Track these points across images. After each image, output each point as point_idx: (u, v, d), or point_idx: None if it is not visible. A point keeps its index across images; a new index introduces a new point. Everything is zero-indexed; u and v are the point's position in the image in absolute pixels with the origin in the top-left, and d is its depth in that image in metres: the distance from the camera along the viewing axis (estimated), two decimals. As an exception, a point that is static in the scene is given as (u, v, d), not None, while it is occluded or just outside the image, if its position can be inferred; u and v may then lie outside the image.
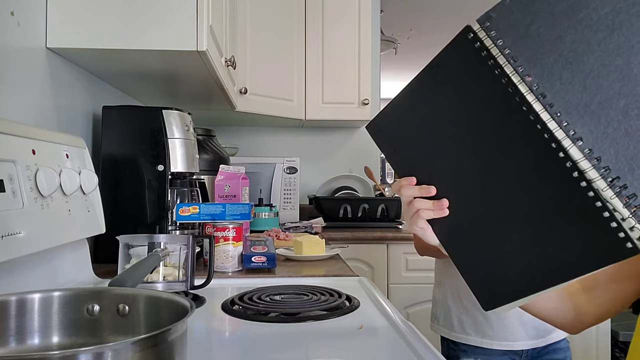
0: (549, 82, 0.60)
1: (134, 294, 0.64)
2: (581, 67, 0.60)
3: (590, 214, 0.57)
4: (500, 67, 0.62)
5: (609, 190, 0.57)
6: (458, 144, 0.69)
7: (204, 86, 1.65)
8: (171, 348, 0.50)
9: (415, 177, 0.74)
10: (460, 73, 0.67)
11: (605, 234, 0.56)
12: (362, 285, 1.18)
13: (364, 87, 2.54)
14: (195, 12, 1.20)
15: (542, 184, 0.62)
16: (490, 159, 0.67)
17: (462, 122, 0.68)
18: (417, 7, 4.03)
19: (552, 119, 0.59)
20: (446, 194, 0.72)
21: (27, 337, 0.60)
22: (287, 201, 2.52)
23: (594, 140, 0.58)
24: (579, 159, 0.58)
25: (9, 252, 0.80)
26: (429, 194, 0.72)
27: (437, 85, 0.70)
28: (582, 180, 0.57)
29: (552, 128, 0.59)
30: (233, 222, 1.34)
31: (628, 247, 0.55)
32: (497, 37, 0.62)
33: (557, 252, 0.61)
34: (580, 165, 0.58)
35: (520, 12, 0.63)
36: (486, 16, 0.63)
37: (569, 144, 0.58)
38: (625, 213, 0.56)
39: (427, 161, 0.74)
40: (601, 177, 0.57)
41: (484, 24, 0.63)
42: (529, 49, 0.61)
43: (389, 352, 0.79)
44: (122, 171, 1.40)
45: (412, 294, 2.23)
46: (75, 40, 1.19)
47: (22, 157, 0.88)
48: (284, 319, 0.90)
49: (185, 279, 1.00)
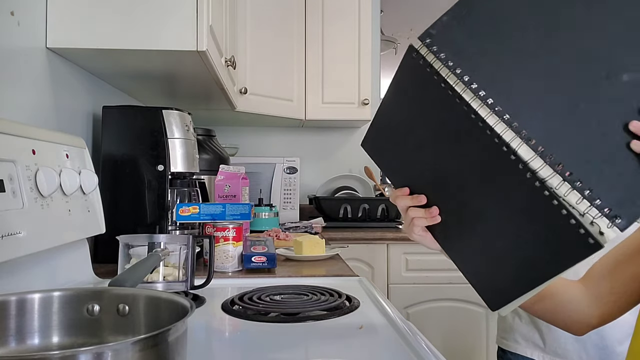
0: (493, 87, 0.61)
1: (134, 294, 0.64)
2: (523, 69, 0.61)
3: (550, 214, 0.57)
4: (444, 80, 0.63)
5: (563, 186, 0.56)
6: (430, 155, 0.71)
7: (204, 86, 1.65)
8: (171, 348, 0.50)
9: (408, 186, 0.77)
10: (415, 90, 0.69)
11: (567, 232, 0.56)
12: (362, 285, 1.18)
13: (364, 87, 2.54)
14: (195, 12, 1.20)
15: (503, 189, 0.62)
16: (454, 169, 0.68)
17: (428, 134, 0.70)
18: (417, 7, 4.03)
19: (500, 121, 0.60)
20: (435, 201, 0.74)
21: (27, 337, 0.60)
22: (287, 201, 2.52)
23: (545, 137, 0.58)
24: (530, 158, 0.58)
25: (9, 252, 0.80)
26: (420, 203, 0.75)
27: (401, 102, 0.73)
28: (536, 180, 0.58)
29: (500, 131, 0.60)
30: (233, 222, 1.34)
31: (590, 242, 0.55)
32: (438, 52, 0.64)
33: (535, 252, 0.61)
34: (531, 166, 0.58)
35: (458, 25, 0.64)
36: (426, 33, 0.65)
37: (517, 144, 0.59)
38: (581, 208, 0.55)
39: (413, 171, 0.76)
40: (554, 174, 0.57)
41: (424, 40, 0.65)
42: (470, 58, 0.63)
43: (389, 352, 0.79)
44: (122, 171, 1.40)
45: (412, 294, 2.23)
46: (75, 40, 1.19)
47: (22, 157, 0.88)
48: (284, 319, 0.90)
49: (185, 279, 1.00)
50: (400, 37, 4.50)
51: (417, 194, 0.75)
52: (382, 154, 0.81)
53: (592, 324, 0.83)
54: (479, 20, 0.64)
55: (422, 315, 2.22)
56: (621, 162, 0.56)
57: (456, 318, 2.23)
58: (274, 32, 2.37)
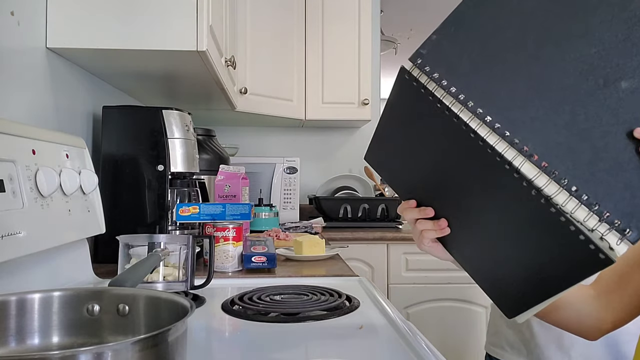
0: (490, 104, 0.59)
1: (134, 294, 0.64)
2: (518, 83, 0.59)
3: (558, 230, 0.56)
4: (439, 101, 0.62)
5: (570, 203, 0.55)
6: (432, 173, 0.70)
7: (204, 86, 1.65)
8: (171, 348, 0.50)
9: (414, 199, 0.76)
10: (410, 110, 0.67)
11: (577, 248, 0.55)
12: (362, 285, 1.18)
13: (364, 87, 2.54)
14: (195, 12, 1.20)
15: (508, 206, 0.61)
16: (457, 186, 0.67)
17: (428, 154, 0.69)
18: (417, 7, 4.03)
19: (500, 139, 0.58)
20: (443, 214, 0.73)
21: (27, 337, 0.60)
22: (287, 201, 2.52)
23: (548, 152, 0.56)
24: (534, 176, 0.56)
25: (9, 252, 0.80)
26: (427, 216, 0.74)
27: (397, 121, 0.71)
28: (541, 197, 0.56)
29: (501, 150, 0.58)
30: (233, 222, 1.34)
31: (601, 258, 0.53)
32: (431, 72, 0.62)
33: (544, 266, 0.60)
34: (535, 183, 0.56)
35: (449, 43, 0.62)
36: (417, 54, 0.63)
37: (520, 162, 0.57)
38: (590, 224, 0.54)
39: (417, 186, 0.75)
40: (560, 190, 0.55)
41: (416, 61, 0.63)
42: (464, 75, 0.61)
43: (389, 352, 0.79)
44: (122, 171, 1.40)
45: (412, 294, 2.23)
46: (75, 40, 1.19)
47: (22, 157, 0.88)
48: (284, 319, 0.90)
49: (185, 279, 1.00)
50: (400, 37, 4.51)
51: (424, 207, 0.74)
52: (385, 167, 0.80)
53: (605, 329, 0.83)
54: (469, 36, 0.62)
55: (422, 315, 2.22)
56: (627, 171, 0.55)
57: (456, 318, 2.23)
58: (274, 32, 2.37)
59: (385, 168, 0.80)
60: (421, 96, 0.63)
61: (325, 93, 2.53)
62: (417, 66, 0.63)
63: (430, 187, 0.73)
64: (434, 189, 0.72)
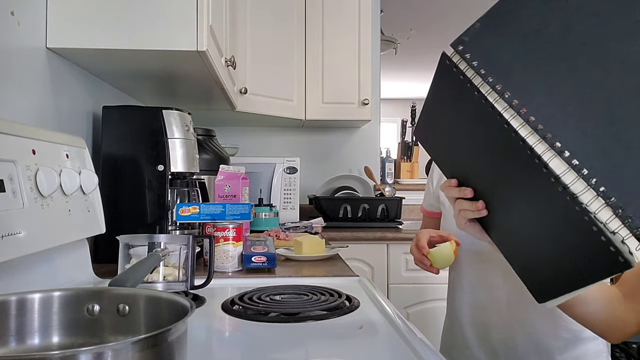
0: (526, 97, 0.59)
1: (134, 294, 0.64)
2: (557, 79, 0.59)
3: (582, 228, 0.55)
4: (477, 89, 0.62)
5: (595, 202, 0.54)
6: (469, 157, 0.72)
7: (204, 86, 1.65)
8: (171, 348, 0.50)
9: (456, 177, 0.78)
10: (450, 94, 0.69)
11: (598, 247, 0.55)
12: (362, 285, 1.18)
13: (364, 87, 2.54)
14: (195, 12, 1.20)
15: (535, 199, 0.61)
16: (490, 173, 0.69)
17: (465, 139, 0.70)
18: (417, 7, 4.03)
19: (532, 132, 0.58)
20: (480, 196, 0.74)
21: (27, 337, 0.60)
22: (287, 201, 2.52)
23: (579, 150, 0.56)
24: (562, 172, 0.56)
25: (9, 252, 0.80)
26: (466, 196, 0.76)
27: (440, 104, 0.73)
28: (567, 195, 0.56)
29: (532, 143, 0.58)
30: (233, 222, 1.34)
31: (620, 261, 0.53)
32: (471, 59, 0.63)
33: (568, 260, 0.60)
34: (563, 180, 0.56)
35: (491, 33, 0.63)
36: (459, 40, 0.64)
37: (549, 157, 0.57)
38: (612, 227, 0.54)
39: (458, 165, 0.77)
40: (586, 189, 0.55)
41: (457, 47, 0.64)
42: (503, 67, 0.61)
43: (389, 352, 0.79)
44: (122, 171, 1.40)
45: (412, 294, 2.23)
46: (75, 40, 1.19)
47: (22, 157, 0.88)
48: (284, 319, 0.90)
49: (185, 279, 1.00)
50: (400, 37, 4.51)
51: (464, 187, 0.76)
52: (431, 145, 0.82)
53: (628, 332, 0.83)
54: (511, 28, 0.62)
55: (422, 315, 2.22)
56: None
57: (456, 318, 2.23)
58: (274, 32, 2.37)
59: (431, 145, 0.82)
60: (460, 82, 0.64)
61: (325, 93, 2.53)
62: (457, 52, 0.64)
63: (468, 169, 0.74)
64: (471, 171, 0.74)
